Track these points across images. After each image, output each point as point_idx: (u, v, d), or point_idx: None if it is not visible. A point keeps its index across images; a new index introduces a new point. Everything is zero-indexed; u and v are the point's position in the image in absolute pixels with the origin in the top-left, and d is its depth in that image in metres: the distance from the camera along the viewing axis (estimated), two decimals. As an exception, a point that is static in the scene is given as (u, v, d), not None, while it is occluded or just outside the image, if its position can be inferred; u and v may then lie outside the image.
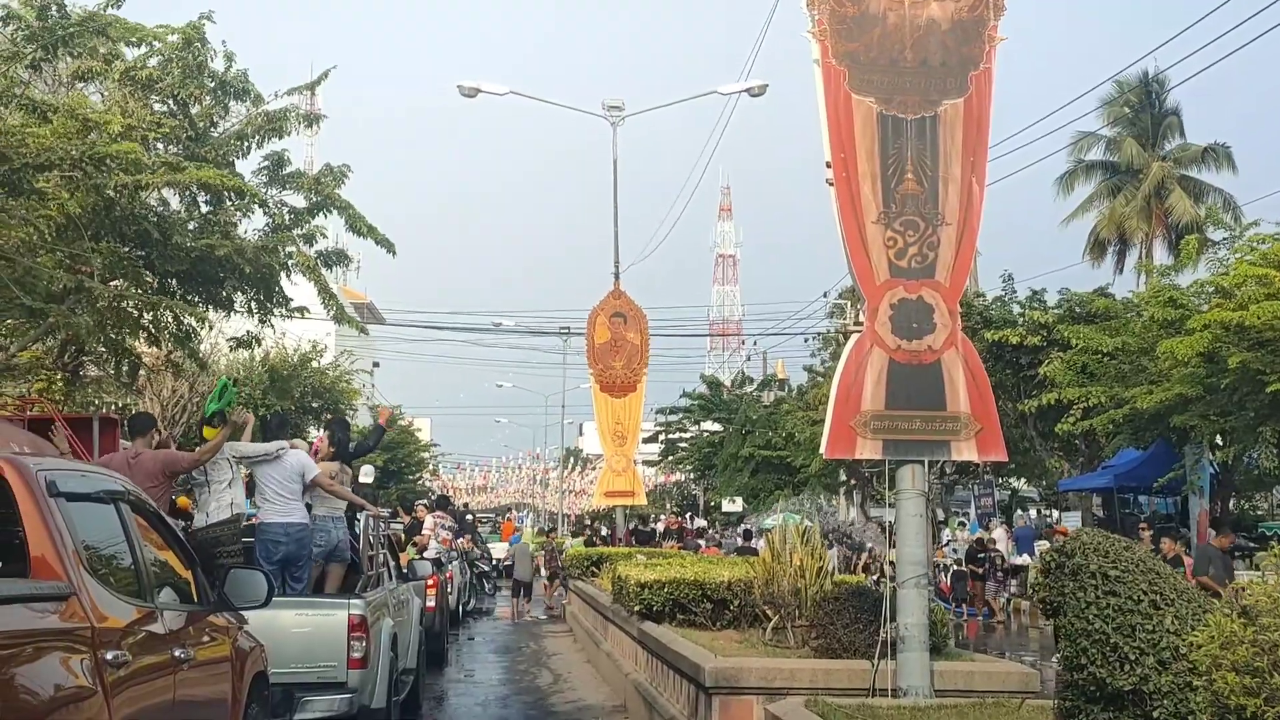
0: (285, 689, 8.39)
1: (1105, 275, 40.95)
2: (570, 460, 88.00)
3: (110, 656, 4.77)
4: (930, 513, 17.01)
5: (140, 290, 13.79)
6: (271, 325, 16.54)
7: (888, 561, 14.88)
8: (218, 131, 15.19)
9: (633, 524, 30.90)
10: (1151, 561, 5.92)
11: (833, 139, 9.09)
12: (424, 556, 17.94)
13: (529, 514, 77.42)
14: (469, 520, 36.76)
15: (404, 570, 13.59)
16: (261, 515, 10.01)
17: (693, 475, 54.87)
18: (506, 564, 35.16)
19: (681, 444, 50.43)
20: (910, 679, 8.72)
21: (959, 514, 34.70)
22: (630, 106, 26.93)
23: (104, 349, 15.51)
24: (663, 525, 45.58)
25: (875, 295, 9.04)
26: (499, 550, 39.22)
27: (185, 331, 15.46)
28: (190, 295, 14.69)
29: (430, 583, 16.28)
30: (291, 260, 15.27)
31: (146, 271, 13.57)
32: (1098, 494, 27.40)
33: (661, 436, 50.70)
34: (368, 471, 14.84)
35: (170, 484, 9.86)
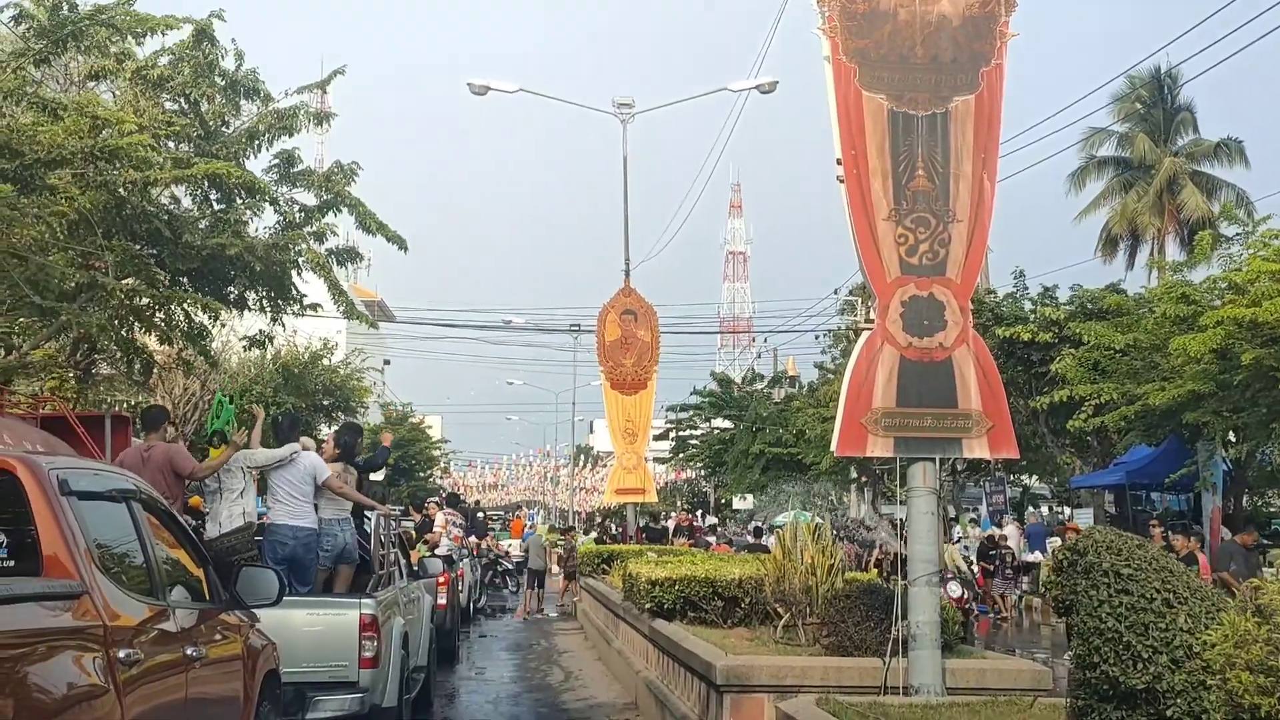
0: (297, 688, 8.40)
1: (1117, 272, 40.83)
2: (581, 458, 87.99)
3: (122, 655, 4.78)
4: (941, 510, 17.00)
5: (153, 288, 13.82)
6: (283, 323, 16.58)
7: (898, 558, 14.86)
8: (229, 130, 15.22)
9: (643, 521, 30.89)
10: (1164, 559, 5.89)
11: (843, 136, 9.06)
12: (435, 554, 17.95)
13: (540, 511, 77.46)
14: (481, 519, 36.77)
15: (415, 568, 13.60)
16: (270, 516, 10.04)
17: (703, 472, 54.84)
18: (517, 560, 35.23)
19: (692, 441, 50.36)
20: (922, 677, 8.70)
21: (971, 510, 34.64)
22: (640, 104, 26.92)
23: (116, 347, 15.56)
24: (673, 523, 45.58)
25: (886, 292, 9.01)
26: (510, 547, 39.27)
27: (197, 330, 15.51)
28: (202, 293, 14.72)
29: (441, 580, 16.28)
30: (302, 258, 15.29)
31: (159, 270, 13.60)
32: (1110, 491, 27.31)
33: (672, 434, 50.65)
34: (378, 474, 14.89)
35: (182, 481, 9.91)
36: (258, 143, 15.25)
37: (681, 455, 52.80)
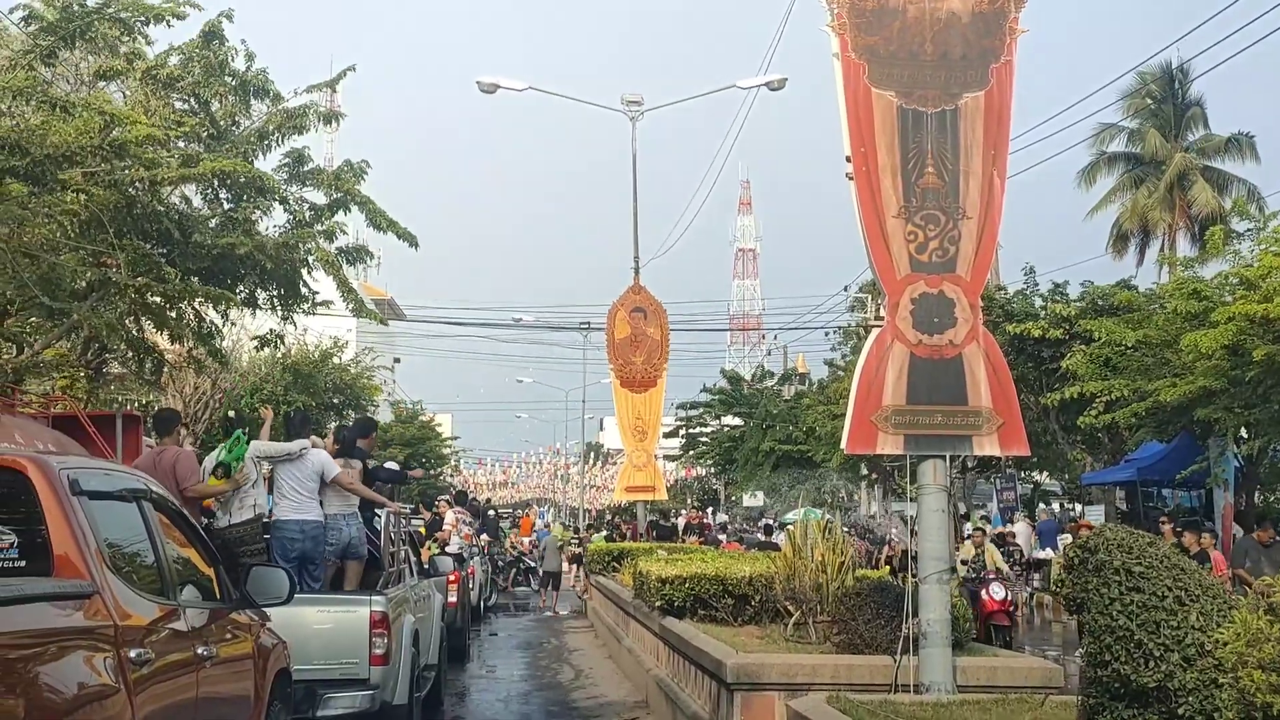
0: (307, 686, 8.41)
1: (1127, 268, 40.69)
2: (591, 455, 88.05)
3: (133, 654, 4.78)
4: (952, 507, 16.94)
5: (163, 284, 13.83)
6: (294, 322, 16.61)
7: (910, 555, 14.81)
8: (239, 130, 15.24)
9: (653, 518, 30.89)
10: (1176, 557, 5.88)
11: (852, 133, 9.05)
12: (445, 552, 17.98)
13: (550, 509, 77.50)
14: (492, 517, 36.76)
15: (425, 566, 13.62)
16: (277, 512, 10.03)
17: (713, 470, 54.85)
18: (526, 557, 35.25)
19: (702, 439, 50.42)
20: (932, 675, 8.69)
21: (981, 507, 34.55)
22: (649, 101, 26.92)
23: (127, 346, 15.59)
24: (683, 520, 45.62)
25: (896, 290, 9.00)
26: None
27: (208, 329, 15.55)
28: (212, 294, 14.73)
29: (452, 578, 16.30)
30: (312, 256, 15.30)
31: (169, 269, 13.63)
32: (1121, 487, 27.23)
33: (682, 431, 50.70)
34: (390, 468, 14.91)
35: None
36: (267, 142, 15.27)
37: (691, 452, 52.86)
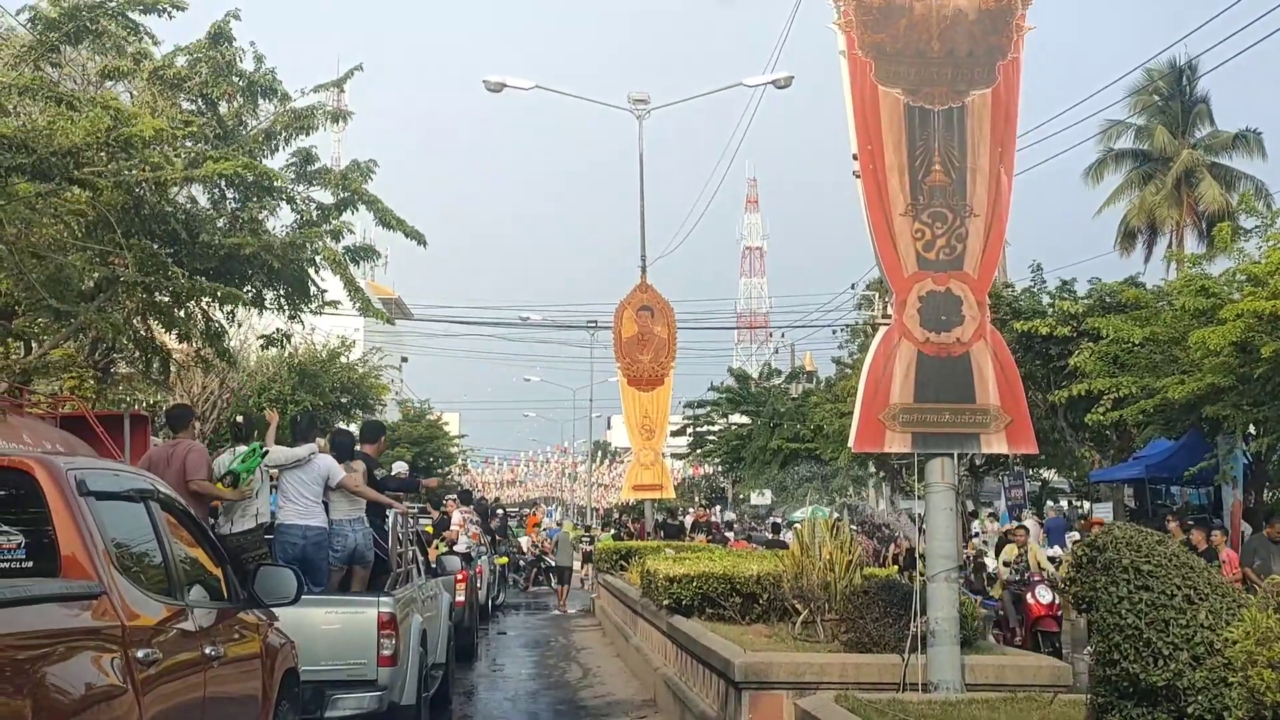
0: (315, 686, 8.42)
1: (1135, 265, 40.59)
2: (598, 454, 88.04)
3: (141, 655, 4.79)
4: (960, 505, 16.91)
5: (169, 283, 13.82)
6: (301, 321, 16.60)
7: (917, 553, 14.79)
8: (246, 130, 15.23)
9: (661, 517, 30.90)
10: (1185, 556, 5.86)
11: (859, 131, 9.04)
12: (453, 551, 17.98)
13: (557, 508, 77.52)
14: (501, 516, 36.73)
15: (433, 566, 13.62)
16: (281, 516, 10.01)
17: (721, 468, 54.82)
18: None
19: (710, 437, 50.37)
20: (941, 673, 8.68)
21: (989, 505, 34.48)
22: (656, 100, 26.88)
23: (134, 345, 15.60)
24: (690, 518, 45.63)
25: (903, 287, 8.98)
26: (524, 544, 39.27)
27: (215, 330, 15.55)
28: (220, 291, 14.72)
29: (459, 578, 16.31)
30: (319, 255, 15.30)
31: (176, 269, 13.63)
32: (1129, 485, 27.17)
33: (689, 429, 50.67)
34: (401, 467, 14.90)
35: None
36: (275, 142, 15.26)
37: (699, 451, 52.83)
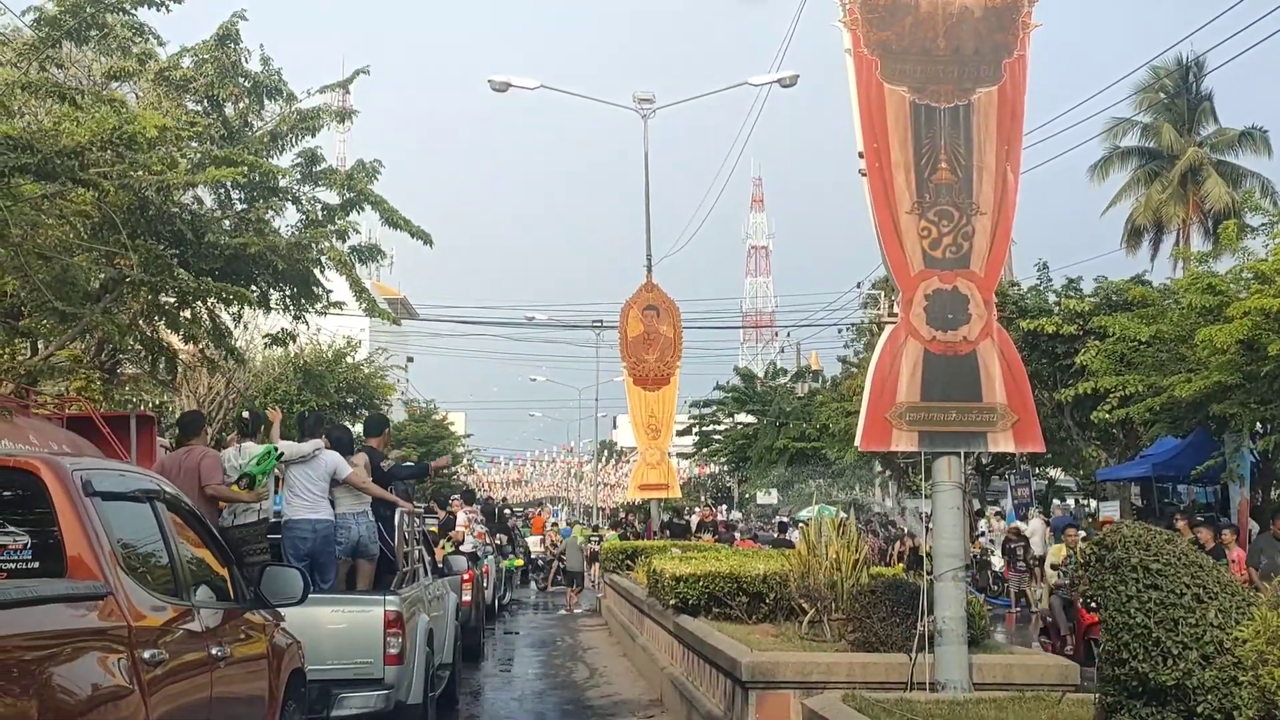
0: (322, 686, 8.42)
1: (1141, 263, 40.50)
2: (604, 454, 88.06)
3: (147, 655, 4.78)
4: (967, 504, 16.85)
5: (175, 283, 13.81)
6: (306, 321, 16.61)
7: (924, 552, 14.74)
8: (252, 131, 15.23)
9: (667, 517, 30.86)
10: (1194, 554, 5.83)
11: (865, 129, 9.01)
12: (460, 551, 17.98)
13: (563, 507, 77.55)
14: (508, 516, 36.67)
15: (439, 565, 13.62)
16: (289, 512, 10.01)
17: (727, 467, 54.83)
18: (536, 556, 35.23)
19: (715, 436, 50.40)
20: (948, 673, 8.65)
21: (995, 504, 34.45)
22: (661, 99, 26.87)
23: (141, 346, 15.61)
24: (696, 518, 45.63)
25: (910, 286, 8.96)
26: (531, 544, 39.27)
27: (221, 330, 15.56)
28: (226, 291, 14.72)
29: (466, 577, 16.32)
30: (324, 256, 15.30)
31: (182, 270, 13.63)
32: (1136, 483, 27.15)
33: (695, 429, 50.68)
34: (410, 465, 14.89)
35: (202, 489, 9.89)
36: (281, 143, 15.26)
37: (705, 450, 52.85)
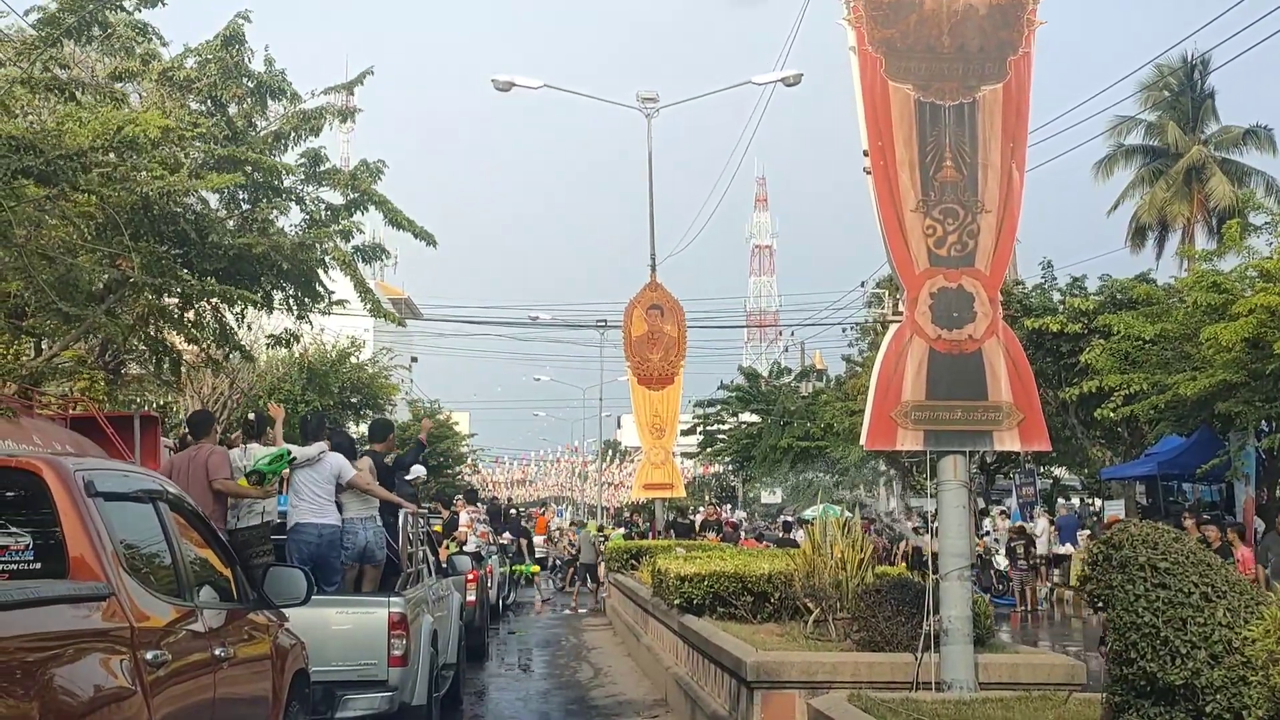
0: (326, 687, 8.40)
1: (1146, 261, 40.49)
2: (608, 453, 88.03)
3: (150, 656, 4.77)
4: (972, 503, 16.83)
5: (178, 284, 13.81)
6: (310, 321, 16.59)
7: (929, 552, 14.72)
8: (256, 131, 15.22)
9: (671, 516, 30.83)
10: (1202, 553, 5.80)
11: (869, 127, 8.98)
12: (464, 550, 17.96)
13: (568, 507, 77.52)
14: (514, 516, 36.55)
15: (443, 565, 13.60)
16: (296, 515, 9.99)
17: (731, 467, 54.77)
18: (540, 555, 35.16)
19: (720, 436, 50.32)
20: (954, 672, 8.63)
21: (999, 502, 34.42)
22: (665, 98, 26.85)
23: (144, 347, 15.60)
24: (700, 517, 45.57)
25: (915, 284, 8.93)
26: (536, 543, 39.23)
27: (226, 330, 15.55)
28: (230, 293, 14.71)
29: (470, 577, 16.30)
30: (328, 256, 15.29)
31: (185, 270, 13.61)
32: (1141, 482, 27.12)
33: (700, 428, 50.61)
34: (418, 470, 14.80)
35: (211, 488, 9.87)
36: (284, 143, 15.25)
37: (709, 450, 52.77)
